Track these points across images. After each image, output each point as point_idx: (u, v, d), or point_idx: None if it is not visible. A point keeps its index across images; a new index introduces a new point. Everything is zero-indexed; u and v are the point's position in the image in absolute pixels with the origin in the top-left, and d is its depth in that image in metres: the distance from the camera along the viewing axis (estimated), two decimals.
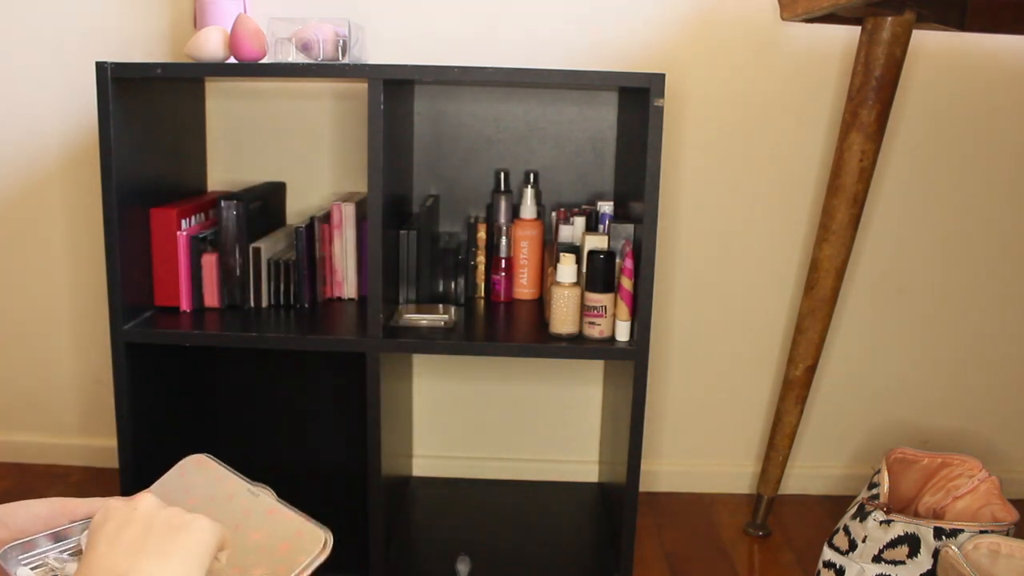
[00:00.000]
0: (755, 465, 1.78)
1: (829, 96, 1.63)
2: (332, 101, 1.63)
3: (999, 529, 1.14)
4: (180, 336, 1.33)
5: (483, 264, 1.56)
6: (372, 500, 1.36)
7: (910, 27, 1.29)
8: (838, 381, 1.75)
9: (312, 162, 1.66)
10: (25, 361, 1.76)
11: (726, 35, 1.60)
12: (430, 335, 1.33)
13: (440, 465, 1.78)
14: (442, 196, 1.65)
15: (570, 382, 1.75)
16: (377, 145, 1.24)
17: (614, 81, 1.31)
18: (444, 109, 1.61)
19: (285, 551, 0.81)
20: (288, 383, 1.69)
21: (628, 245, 1.34)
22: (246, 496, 0.87)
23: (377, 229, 1.28)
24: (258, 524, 0.84)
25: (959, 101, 1.64)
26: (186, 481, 0.89)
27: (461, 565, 1.38)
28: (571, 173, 1.63)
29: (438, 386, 1.76)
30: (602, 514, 1.63)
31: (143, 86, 1.34)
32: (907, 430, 1.78)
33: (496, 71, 1.24)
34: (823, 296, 1.45)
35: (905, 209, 1.68)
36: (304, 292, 1.46)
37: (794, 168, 1.66)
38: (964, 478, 1.29)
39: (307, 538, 0.82)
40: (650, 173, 1.24)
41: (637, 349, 1.30)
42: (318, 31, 1.35)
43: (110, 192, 1.27)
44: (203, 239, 1.43)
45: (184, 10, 1.59)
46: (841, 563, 1.24)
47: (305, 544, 0.82)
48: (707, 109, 1.63)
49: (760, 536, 1.61)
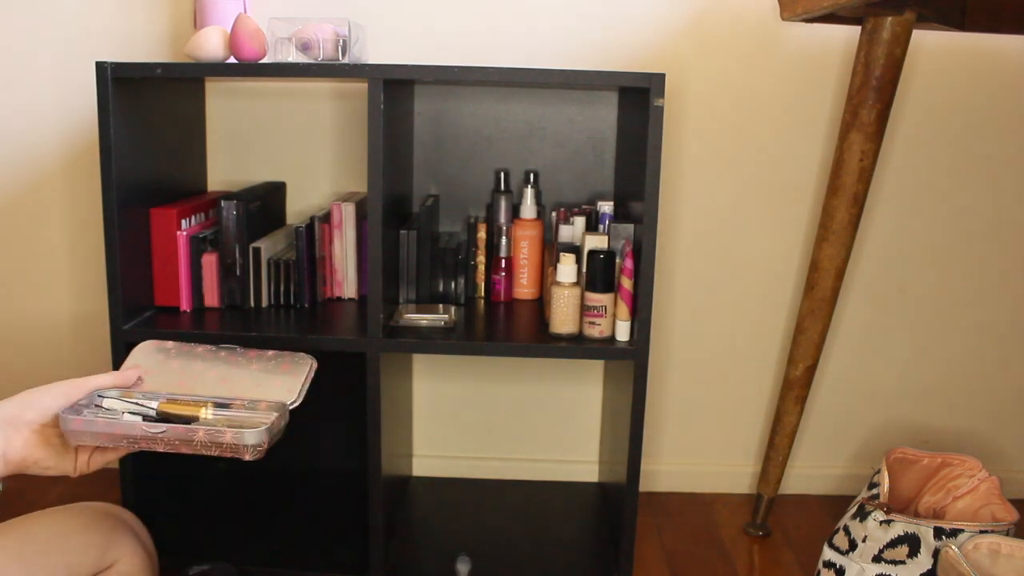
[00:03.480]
0: (755, 465, 1.78)
1: (829, 96, 1.63)
2: (332, 101, 1.63)
3: (999, 529, 1.14)
4: (180, 336, 1.33)
5: (483, 264, 1.56)
6: (372, 500, 1.36)
7: (910, 27, 1.29)
8: (838, 381, 1.75)
9: (312, 162, 1.66)
10: (25, 361, 1.76)
11: (726, 35, 1.60)
12: (430, 335, 1.33)
13: (440, 465, 1.78)
14: (442, 196, 1.65)
15: (570, 382, 1.75)
16: (377, 145, 1.24)
17: (614, 81, 1.31)
18: (444, 109, 1.61)
19: (286, 370, 1.05)
20: None
21: (628, 245, 1.34)
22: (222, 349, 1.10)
23: (377, 229, 1.28)
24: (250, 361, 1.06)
25: (959, 101, 1.64)
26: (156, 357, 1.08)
27: (461, 565, 1.38)
28: (571, 173, 1.63)
29: (438, 386, 1.76)
30: (602, 514, 1.63)
31: (143, 86, 1.34)
32: (907, 430, 1.78)
33: (496, 71, 1.24)
34: (823, 296, 1.45)
35: (905, 209, 1.68)
36: (304, 292, 1.46)
37: (794, 168, 1.66)
38: (964, 478, 1.29)
39: (299, 360, 1.07)
40: (650, 173, 1.24)
41: (637, 349, 1.30)
42: (318, 31, 1.35)
43: (110, 192, 1.27)
44: (203, 239, 1.43)
45: (184, 10, 1.59)
46: (841, 563, 1.24)
47: (299, 363, 1.07)
48: (707, 109, 1.63)
49: (760, 536, 1.61)
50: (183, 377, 1.03)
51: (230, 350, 1.08)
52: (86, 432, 0.87)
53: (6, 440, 0.85)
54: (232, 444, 0.89)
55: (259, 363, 1.06)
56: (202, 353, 1.07)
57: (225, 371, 1.04)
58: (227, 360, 1.06)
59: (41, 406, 0.89)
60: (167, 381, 1.03)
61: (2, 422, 0.86)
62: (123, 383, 0.99)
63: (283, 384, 1.02)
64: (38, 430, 0.88)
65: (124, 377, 1.00)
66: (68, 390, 0.92)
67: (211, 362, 1.05)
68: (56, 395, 0.91)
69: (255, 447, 0.89)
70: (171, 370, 1.04)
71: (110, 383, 0.97)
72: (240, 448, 0.89)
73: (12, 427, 0.86)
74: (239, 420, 0.95)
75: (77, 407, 0.91)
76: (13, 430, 0.86)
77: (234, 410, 0.98)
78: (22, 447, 0.86)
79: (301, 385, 1.01)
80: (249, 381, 1.02)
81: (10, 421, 0.86)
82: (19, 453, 0.86)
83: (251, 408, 0.98)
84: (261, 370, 1.04)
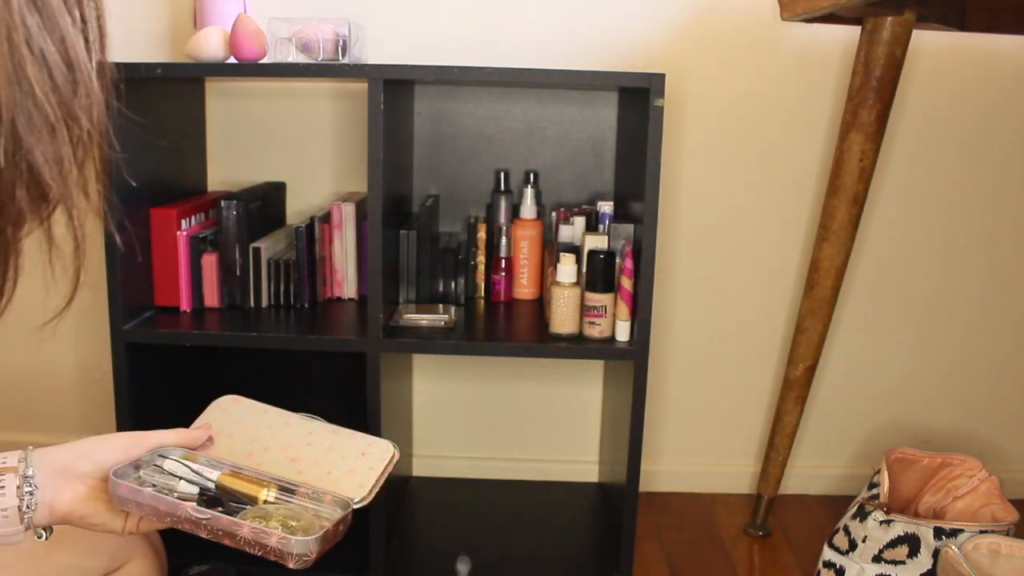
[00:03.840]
0: (755, 465, 1.78)
1: (829, 96, 1.63)
2: (332, 101, 1.63)
3: (999, 529, 1.14)
4: (180, 336, 1.33)
5: (483, 264, 1.56)
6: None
7: (910, 27, 1.29)
8: (838, 381, 1.75)
9: (312, 162, 1.66)
10: (25, 361, 1.76)
11: (726, 35, 1.60)
12: (430, 335, 1.33)
13: (440, 465, 1.78)
14: (442, 196, 1.65)
15: (570, 382, 1.75)
16: (377, 145, 1.24)
17: (614, 81, 1.31)
18: (444, 109, 1.61)
19: (363, 458, 0.93)
20: (288, 383, 1.69)
21: (628, 245, 1.34)
22: (304, 420, 0.98)
23: (377, 229, 1.28)
24: (326, 440, 0.95)
25: (959, 101, 1.64)
26: (231, 417, 0.98)
27: (461, 565, 1.38)
28: (571, 173, 1.63)
29: (438, 386, 1.76)
30: (602, 514, 1.63)
31: (143, 86, 1.34)
32: (907, 430, 1.78)
33: (496, 71, 1.24)
34: (823, 296, 1.45)
35: (905, 209, 1.68)
36: (304, 292, 1.46)
37: (794, 168, 1.66)
38: (964, 478, 1.29)
39: (377, 447, 0.95)
40: (650, 173, 1.24)
41: (637, 349, 1.30)
42: (318, 31, 1.35)
43: (110, 192, 1.27)
44: (203, 239, 1.43)
45: (184, 10, 1.59)
46: (841, 563, 1.24)
47: (378, 452, 0.94)
48: (707, 109, 1.63)
49: (760, 536, 1.61)
50: (253, 447, 0.93)
51: (309, 422, 0.98)
52: (131, 500, 0.81)
53: (55, 491, 0.79)
54: (277, 548, 0.80)
55: (337, 445, 0.95)
56: (280, 422, 0.97)
57: (299, 449, 0.94)
58: (304, 435, 0.96)
59: (97, 459, 0.83)
60: (236, 449, 0.93)
61: (53, 470, 0.80)
62: (189, 443, 0.91)
63: (356, 477, 0.90)
64: (91, 484, 0.81)
65: (192, 437, 0.92)
66: (128, 444, 0.85)
67: (287, 435, 0.96)
68: (114, 448, 0.84)
69: (301, 556, 0.80)
70: (243, 436, 0.95)
71: (174, 442, 0.90)
72: (284, 555, 0.80)
73: (63, 477, 0.80)
74: (297, 513, 0.85)
75: (137, 463, 0.84)
76: (64, 480, 0.80)
77: (298, 498, 0.87)
78: (71, 500, 0.80)
79: (375, 481, 0.90)
80: (321, 466, 0.91)
81: (62, 471, 0.80)
82: (67, 506, 0.80)
83: (315, 499, 0.87)
84: (337, 455, 0.93)
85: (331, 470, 0.91)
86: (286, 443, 0.94)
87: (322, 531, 0.81)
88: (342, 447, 0.94)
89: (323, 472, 0.91)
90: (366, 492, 0.88)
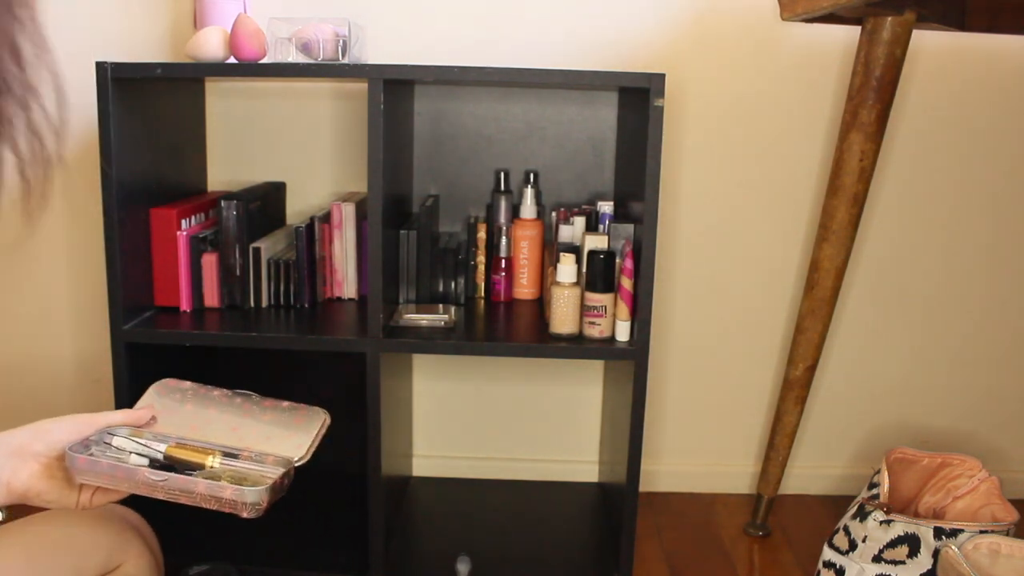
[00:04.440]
0: (755, 465, 1.78)
1: (829, 96, 1.63)
2: (332, 101, 1.63)
3: (999, 529, 1.14)
4: (180, 336, 1.33)
5: (483, 264, 1.56)
6: (372, 500, 1.36)
7: (910, 27, 1.29)
8: (838, 381, 1.75)
9: (312, 162, 1.66)
10: (25, 361, 1.76)
11: (726, 35, 1.60)
12: (430, 335, 1.33)
13: (440, 465, 1.78)
14: (442, 196, 1.65)
15: (570, 382, 1.75)
16: (377, 145, 1.24)
17: (614, 81, 1.31)
18: (444, 109, 1.61)
19: (298, 424, 1.03)
20: (288, 383, 1.69)
21: (628, 245, 1.34)
22: (240, 394, 1.07)
23: (377, 229, 1.28)
24: (264, 411, 1.04)
25: (959, 101, 1.64)
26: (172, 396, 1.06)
27: (461, 565, 1.38)
28: (571, 173, 1.63)
29: (438, 386, 1.76)
30: (602, 514, 1.63)
31: (143, 86, 1.34)
32: (907, 430, 1.78)
33: (496, 71, 1.24)
34: (823, 296, 1.45)
35: (905, 209, 1.68)
36: (304, 292, 1.46)
37: (794, 168, 1.66)
38: (964, 478, 1.29)
39: (311, 413, 1.05)
40: (650, 173, 1.24)
41: (637, 349, 1.30)
42: (318, 31, 1.35)
43: (110, 192, 1.27)
44: (203, 239, 1.43)
45: (184, 10, 1.59)
46: (841, 563, 1.24)
47: (312, 417, 1.04)
48: (707, 109, 1.63)
49: (760, 536, 1.61)
50: (195, 421, 1.02)
51: (245, 397, 1.06)
52: (90, 471, 0.87)
53: (12, 470, 0.85)
54: (231, 500, 0.88)
55: (273, 414, 1.04)
56: (217, 398, 1.06)
57: (237, 420, 1.03)
58: (241, 408, 1.04)
59: (50, 439, 0.88)
60: (179, 424, 1.01)
61: (10, 451, 0.85)
62: (135, 422, 0.98)
63: (293, 439, 1.00)
64: (44, 462, 0.87)
65: (136, 416, 0.99)
66: (79, 424, 0.91)
67: (225, 408, 1.04)
68: (66, 428, 0.90)
69: (254, 505, 0.89)
70: (184, 413, 1.03)
71: (121, 421, 0.96)
72: (239, 505, 0.88)
73: (19, 457, 0.86)
74: (244, 473, 0.94)
75: (86, 443, 0.90)
76: (20, 460, 0.86)
77: (242, 461, 0.97)
78: (27, 478, 0.86)
79: (311, 442, 1.00)
80: (260, 432, 1.01)
81: (18, 451, 0.86)
82: (23, 484, 0.86)
83: (258, 461, 0.97)
84: (273, 422, 1.03)
85: (270, 436, 1.00)
86: (226, 415, 1.03)
87: (271, 482, 0.91)
88: (278, 416, 1.04)
89: (263, 438, 1.00)
90: (304, 452, 0.99)
